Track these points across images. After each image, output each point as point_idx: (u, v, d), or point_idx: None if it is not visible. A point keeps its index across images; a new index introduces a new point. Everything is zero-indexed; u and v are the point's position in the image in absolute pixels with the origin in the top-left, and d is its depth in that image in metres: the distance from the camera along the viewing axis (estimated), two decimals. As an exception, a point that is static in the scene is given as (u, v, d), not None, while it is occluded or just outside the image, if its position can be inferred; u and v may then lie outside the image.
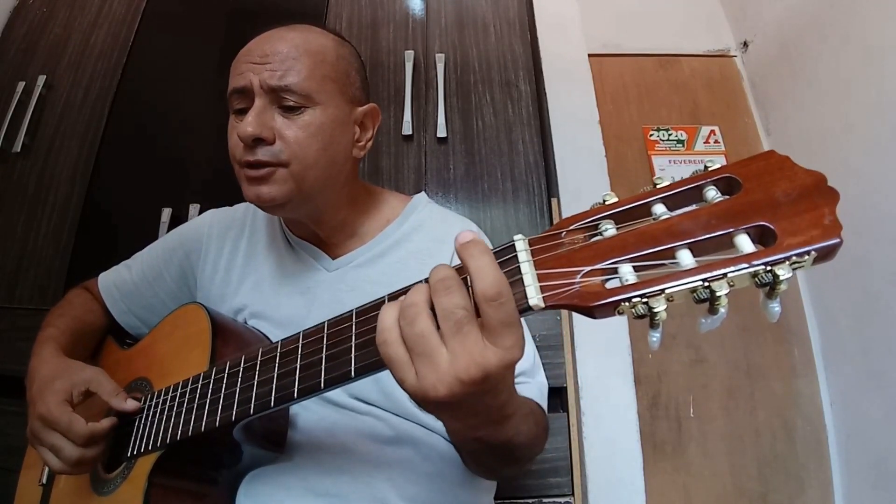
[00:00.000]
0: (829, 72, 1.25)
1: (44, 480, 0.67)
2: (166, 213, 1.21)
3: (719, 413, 1.26)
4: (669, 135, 1.49)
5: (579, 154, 1.38)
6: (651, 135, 1.49)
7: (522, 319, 0.36)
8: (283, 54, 0.61)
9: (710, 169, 0.34)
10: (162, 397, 0.57)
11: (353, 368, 0.41)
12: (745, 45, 1.58)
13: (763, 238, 0.31)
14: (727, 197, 0.33)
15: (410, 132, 1.24)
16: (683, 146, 1.48)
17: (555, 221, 1.17)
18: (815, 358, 1.29)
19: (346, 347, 0.42)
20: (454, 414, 0.40)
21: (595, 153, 1.39)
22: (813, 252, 0.29)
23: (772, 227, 0.30)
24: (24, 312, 1.18)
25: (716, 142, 1.48)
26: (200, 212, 1.20)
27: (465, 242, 0.36)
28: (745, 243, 0.31)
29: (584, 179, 1.35)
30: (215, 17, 1.45)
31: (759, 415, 1.26)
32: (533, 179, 1.22)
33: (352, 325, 0.42)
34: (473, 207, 1.20)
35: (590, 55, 1.51)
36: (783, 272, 0.29)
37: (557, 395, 1.07)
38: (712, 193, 0.33)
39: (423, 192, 0.78)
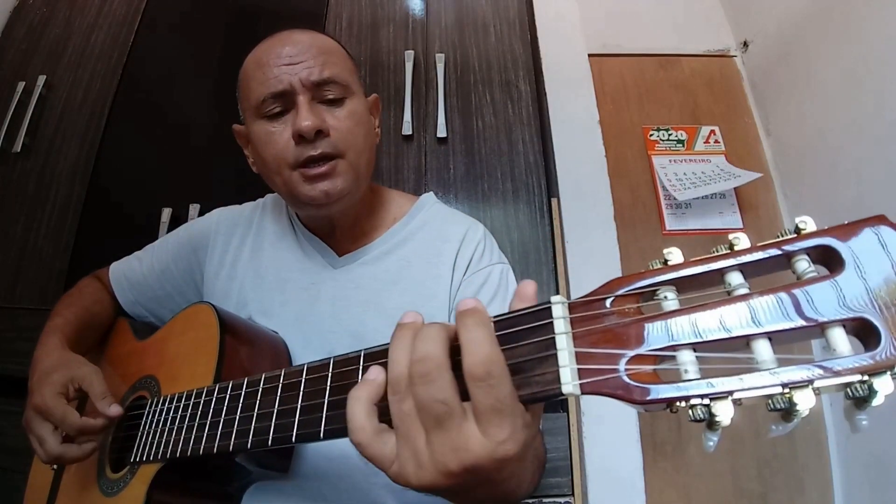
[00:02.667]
0: (829, 71, 1.25)
1: (55, 465, 0.67)
2: (166, 213, 1.21)
3: (719, 413, 1.26)
4: (669, 135, 1.49)
5: (579, 154, 1.38)
6: (651, 135, 1.49)
7: None
8: (313, 51, 0.62)
9: (802, 232, 0.27)
10: (166, 406, 0.57)
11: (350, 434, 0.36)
12: (745, 45, 1.58)
13: (862, 334, 0.25)
14: (823, 272, 0.26)
15: (410, 132, 1.24)
16: (683, 146, 1.48)
17: (555, 222, 1.18)
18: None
19: None
20: (447, 498, 0.35)
21: (595, 153, 1.39)
22: None
23: (876, 323, 0.24)
24: (24, 312, 1.18)
25: (716, 142, 1.48)
26: (200, 212, 1.20)
27: (464, 310, 0.31)
28: (839, 341, 0.24)
29: (584, 179, 1.36)
30: (215, 17, 1.45)
31: (759, 415, 1.26)
32: (533, 179, 1.22)
33: (359, 368, 0.39)
34: (473, 207, 1.20)
35: (590, 55, 1.51)
36: (882, 385, 0.23)
37: (557, 395, 1.06)
38: (803, 265, 0.26)
39: (431, 193, 0.79)
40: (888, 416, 1.09)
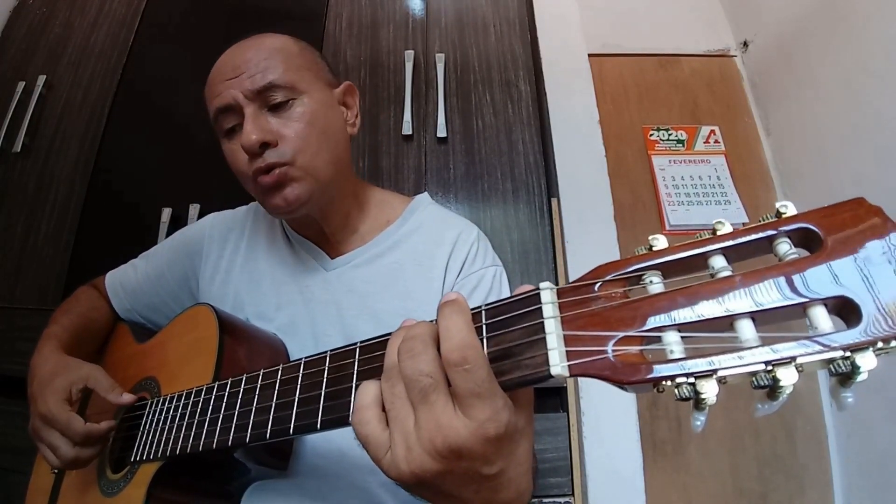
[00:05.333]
0: (829, 72, 1.25)
1: (55, 469, 0.68)
2: (166, 213, 1.21)
3: (719, 413, 1.26)
4: (669, 135, 1.49)
5: (579, 154, 1.38)
6: (651, 135, 1.49)
7: None
8: (253, 60, 0.62)
9: (784, 216, 0.28)
10: (165, 405, 0.57)
11: (351, 414, 0.37)
12: (745, 45, 1.58)
13: (844, 312, 0.25)
14: (803, 253, 0.27)
15: (410, 132, 1.24)
16: (683, 146, 1.48)
17: (555, 222, 1.18)
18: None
19: (346, 388, 0.39)
20: (438, 495, 0.34)
21: (595, 153, 1.39)
22: None
23: (857, 301, 0.24)
24: (24, 312, 1.18)
25: (716, 142, 1.48)
26: (200, 212, 1.20)
27: (445, 301, 0.33)
28: (821, 318, 0.25)
29: (584, 179, 1.36)
30: (215, 17, 1.45)
31: (759, 415, 1.26)
32: (533, 179, 1.22)
33: (354, 361, 0.40)
34: (473, 207, 1.20)
35: (590, 55, 1.51)
36: (865, 361, 0.23)
37: (557, 395, 1.07)
38: (785, 248, 0.27)
39: (425, 193, 0.78)
40: (888, 416, 1.09)
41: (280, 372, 0.46)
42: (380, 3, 1.40)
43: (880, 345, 0.23)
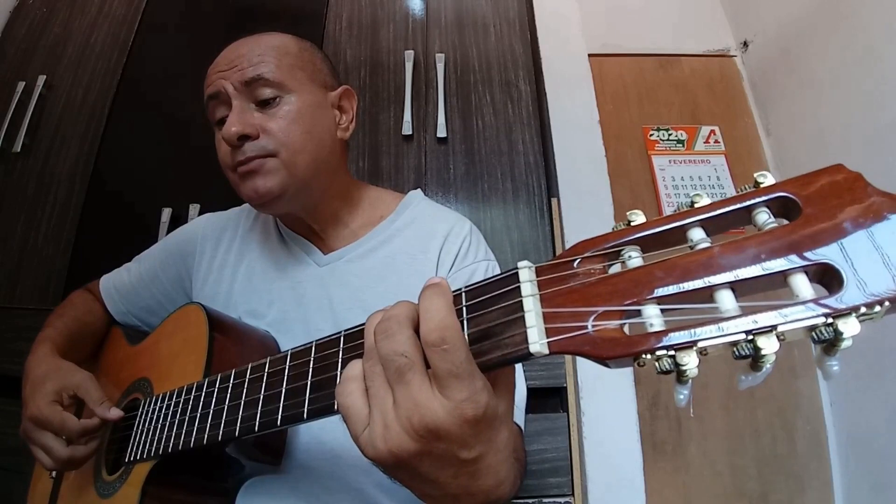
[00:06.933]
0: (829, 72, 1.25)
1: (54, 474, 0.68)
2: (166, 213, 1.21)
3: (719, 413, 1.26)
4: (669, 135, 1.49)
5: (579, 154, 1.38)
6: (651, 135, 1.49)
7: None
8: (247, 55, 0.63)
9: (761, 185, 0.27)
10: (157, 404, 0.57)
11: (336, 402, 0.37)
12: (745, 45, 1.58)
13: (825, 279, 0.25)
14: (783, 223, 0.26)
15: (410, 132, 1.25)
16: (683, 146, 1.48)
17: (555, 222, 1.18)
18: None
19: (332, 376, 0.39)
20: (415, 478, 0.34)
21: (595, 153, 1.39)
22: (887, 303, 0.23)
23: (838, 267, 0.24)
24: (24, 312, 1.18)
25: (716, 142, 1.48)
26: (200, 212, 1.20)
27: (427, 285, 0.33)
28: (802, 286, 0.25)
29: (584, 179, 1.36)
30: (215, 17, 1.45)
31: (759, 415, 1.26)
32: (533, 179, 1.22)
33: (339, 349, 0.40)
34: (473, 207, 1.20)
35: (590, 55, 1.51)
36: (848, 328, 0.23)
37: (557, 395, 1.07)
38: (763, 217, 0.27)
39: (418, 190, 0.78)
40: (888, 416, 1.09)
41: (267, 365, 0.46)
42: (380, 3, 1.40)
43: (863, 310, 0.23)
